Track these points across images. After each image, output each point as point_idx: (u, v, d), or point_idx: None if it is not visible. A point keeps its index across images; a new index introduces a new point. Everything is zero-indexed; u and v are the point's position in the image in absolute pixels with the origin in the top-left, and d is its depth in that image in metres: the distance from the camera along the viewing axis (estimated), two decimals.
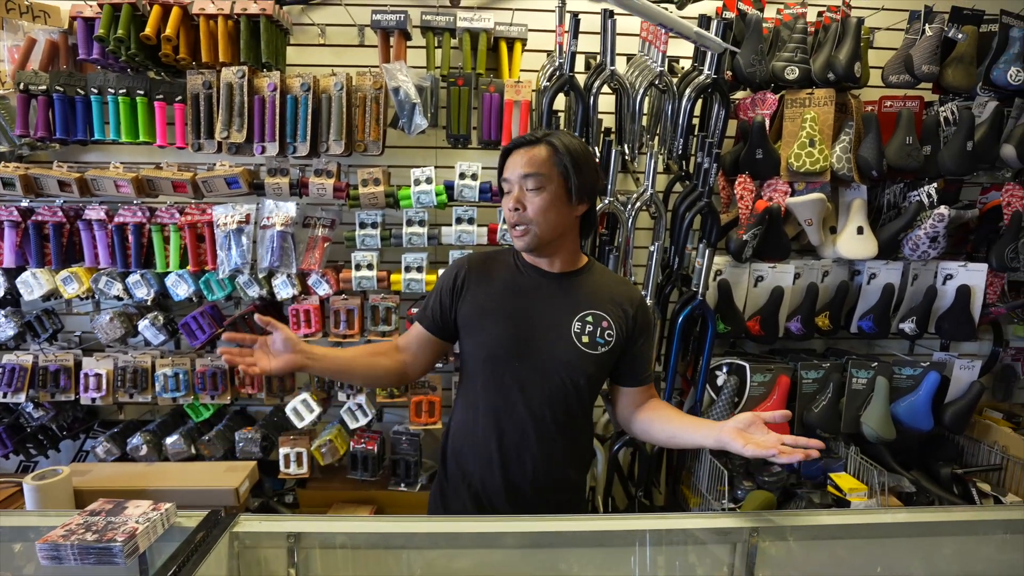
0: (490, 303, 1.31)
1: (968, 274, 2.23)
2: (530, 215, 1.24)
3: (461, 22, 2.08)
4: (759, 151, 2.12)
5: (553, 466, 1.32)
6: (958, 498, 2.21)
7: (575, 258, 1.35)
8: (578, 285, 1.32)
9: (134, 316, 2.18)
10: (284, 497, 2.28)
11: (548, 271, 1.33)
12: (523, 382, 1.28)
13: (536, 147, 1.25)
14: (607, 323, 1.29)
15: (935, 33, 2.10)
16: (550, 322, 1.28)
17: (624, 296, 1.34)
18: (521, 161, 1.25)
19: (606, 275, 1.39)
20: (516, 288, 1.31)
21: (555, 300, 1.30)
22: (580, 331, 1.28)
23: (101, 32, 1.90)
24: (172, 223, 2.06)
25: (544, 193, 1.24)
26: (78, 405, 2.21)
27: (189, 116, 2.03)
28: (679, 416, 1.33)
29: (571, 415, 1.32)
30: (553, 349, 1.27)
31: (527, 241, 1.26)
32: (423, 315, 1.37)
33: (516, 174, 1.25)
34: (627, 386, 1.39)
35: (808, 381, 2.26)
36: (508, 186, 1.27)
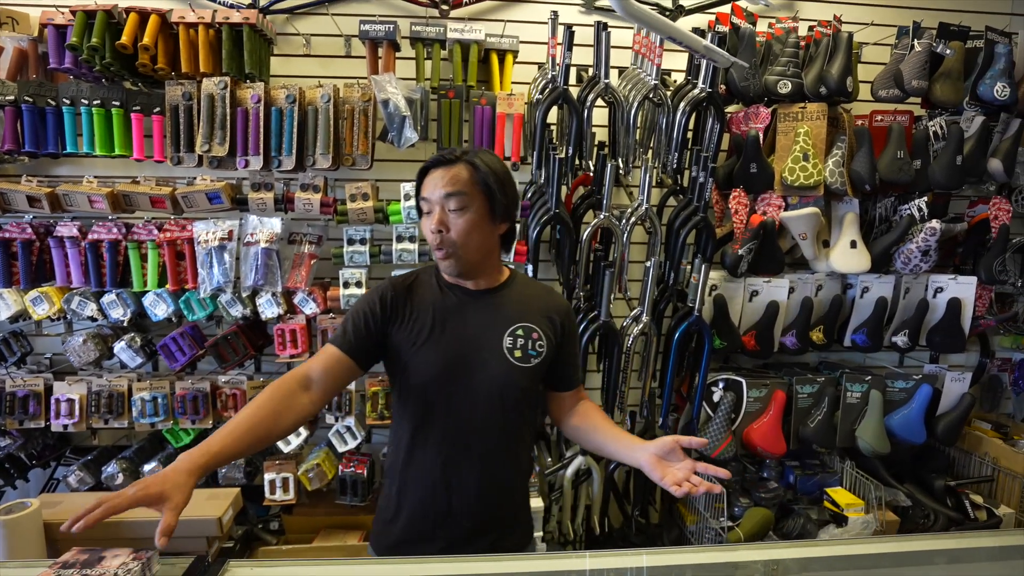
0: (420, 328, 1.26)
1: (958, 287, 2.24)
2: (454, 237, 1.20)
3: (452, 33, 2.03)
4: (753, 165, 2.11)
5: (496, 483, 1.30)
6: (952, 511, 2.21)
7: (498, 274, 1.33)
8: (504, 300, 1.30)
9: (109, 338, 2.07)
10: (269, 524, 2.18)
11: (472, 289, 1.30)
12: (460, 404, 1.25)
13: (456, 166, 1.22)
14: (537, 334, 1.28)
15: (924, 48, 2.11)
16: (481, 341, 1.26)
17: (551, 306, 1.34)
18: (442, 180, 1.20)
19: (530, 286, 1.38)
20: (444, 310, 1.28)
21: (484, 318, 1.28)
22: (512, 346, 1.26)
23: (74, 40, 1.81)
24: (150, 240, 1.97)
25: (468, 214, 1.20)
26: (48, 432, 2.09)
27: (168, 128, 1.94)
28: (606, 426, 1.33)
29: (510, 430, 1.30)
30: (487, 368, 1.25)
31: (452, 265, 1.23)
32: (343, 340, 1.25)
33: (437, 194, 1.20)
34: (559, 391, 1.40)
35: (803, 396, 2.25)
36: (428, 206, 1.22)
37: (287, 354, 2.03)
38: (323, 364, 1.23)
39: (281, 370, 2.27)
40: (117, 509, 0.93)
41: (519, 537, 1.37)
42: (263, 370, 2.24)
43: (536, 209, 2.04)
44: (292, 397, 1.17)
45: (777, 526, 2.17)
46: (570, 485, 2.22)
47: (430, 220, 1.21)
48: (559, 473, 2.22)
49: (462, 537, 1.28)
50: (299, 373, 1.21)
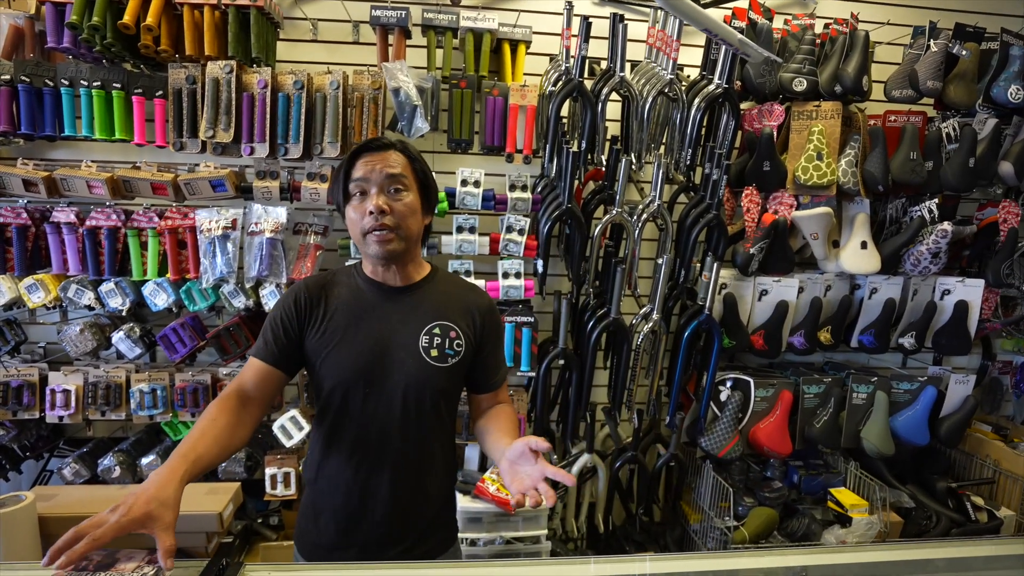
0: (334, 328, 1.21)
1: (966, 290, 2.24)
2: (397, 219, 1.17)
3: (464, 21, 1.99)
4: (766, 163, 2.08)
5: (412, 488, 1.25)
6: (954, 512, 2.22)
7: (421, 268, 1.29)
8: (423, 296, 1.26)
9: (107, 327, 2.02)
10: (269, 519, 2.14)
11: (392, 285, 1.25)
12: (374, 406, 1.21)
13: (393, 152, 1.20)
14: (455, 333, 1.23)
15: (940, 49, 2.10)
16: (398, 340, 1.21)
17: (472, 303, 1.29)
18: (382, 163, 1.18)
19: (452, 283, 1.33)
20: (360, 309, 1.23)
21: (401, 315, 1.23)
22: (428, 344, 1.21)
23: (74, 19, 1.74)
24: (151, 227, 1.91)
25: (408, 195, 1.19)
26: (43, 423, 2.04)
27: (171, 113, 1.88)
28: (498, 427, 1.24)
29: (427, 433, 1.25)
30: (403, 368, 1.20)
31: (394, 247, 1.18)
32: (263, 350, 1.21)
33: (379, 174, 1.17)
34: (478, 393, 1.34)
35: (810, 396, 2.24)
36: (363, 187, 1.18)
37: None
38: (252, 378, 1.20)
39: None
40: (101, 542, 0.86)
41: (436, 543, 1.31)
42: None
43: (547, 203, 2.01)
44: (238, 412, 1.15)
45: (781, 526, 2.17)
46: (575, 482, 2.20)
47: (367, 201, 1.16)
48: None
49: (375, 543, 1.23)
50: (235, 388, 1.18)
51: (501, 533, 1.97)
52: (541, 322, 2.18)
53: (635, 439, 2.18)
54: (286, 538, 2.10)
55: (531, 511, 1.97)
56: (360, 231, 1.18)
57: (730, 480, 2.19)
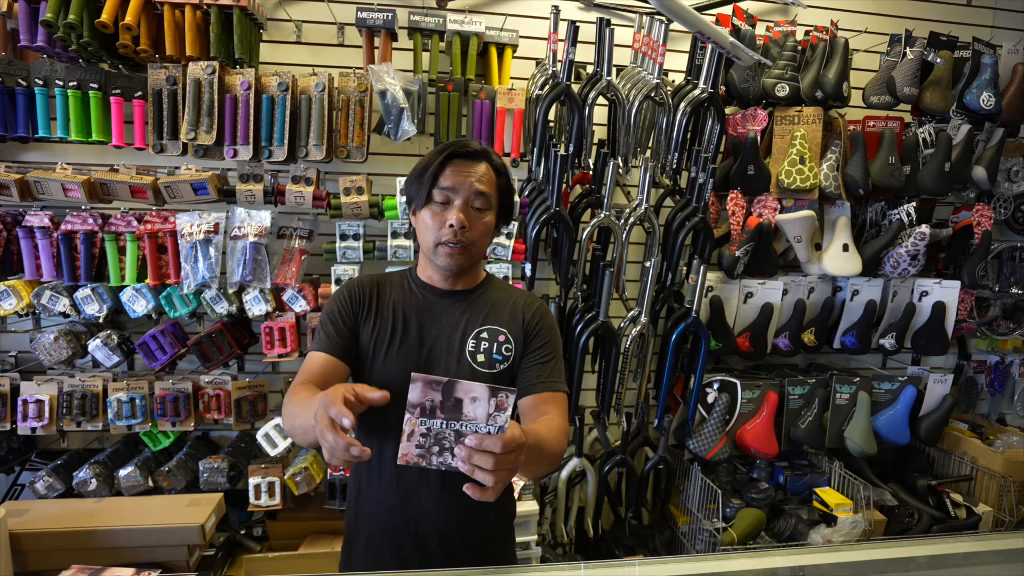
0: (383, 329, 1.19)
1: (942, 291, 2.30)
2: (473, 237, 1.14)
3: (451, 24, 1.98)
4: (751, 167, 2.11)
5: (460, 506, 1.17)
6: (935, 509, 2.26)
7: (476, 276, 1.25)
8: (475, 301, 1.22)
9: (83, 335, 1.95)
10: (252, 530, 2.09)
11: (444, 289, 1.22)
12: None
13: (482, 163, 1.15)
14: (504, 337, 1.19)
15: (916, 56, 2.15)
16: (445, 343, 1.18)
17: (521, 303, 1.23)
18: (473, 175, 1.13)
19: (505, 289, 1.28)
20: (408, 310, 1.20)
21: (450, 319, 1.19)
22: (475, 349, 1.17)
23: (49, 16, 1.69)
24: (129, 232, 1.86)
25: (489, 215, 1.16)
26: (14, 435, 1.96)
27: (150, 114, 1.83)
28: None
29: None
30: (447, 372, 1.15)
31: (462, 262, 1.15)
32: (326, 343, 1.17)
33: (470, 189, 1.12)
34: (520, 396, 1.20)
35: (794, 397, 2.27)
36: (448, 196, 1.13)
37: (275, 353, 1.95)
38: (318, 369, 1.14)
39: (267, 369, 2.18)
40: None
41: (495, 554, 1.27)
42: (247, 370, 2.15)
43: (535, 207, 2.01)
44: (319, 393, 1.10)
45: (769, 526, 2.19)
46: (564, 487, 2.19)
47: (448, 212, 1.12)
48: (553, 475, 2.19)
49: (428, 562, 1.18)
50: (304, 380, 1.12)
51: None
52: None
53: (623, 442, 2.18)
54: (270, 549, 2.05)
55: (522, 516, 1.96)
56: (433, 240, 1.14)
57: (718, 482, 2.21)
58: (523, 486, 2.02)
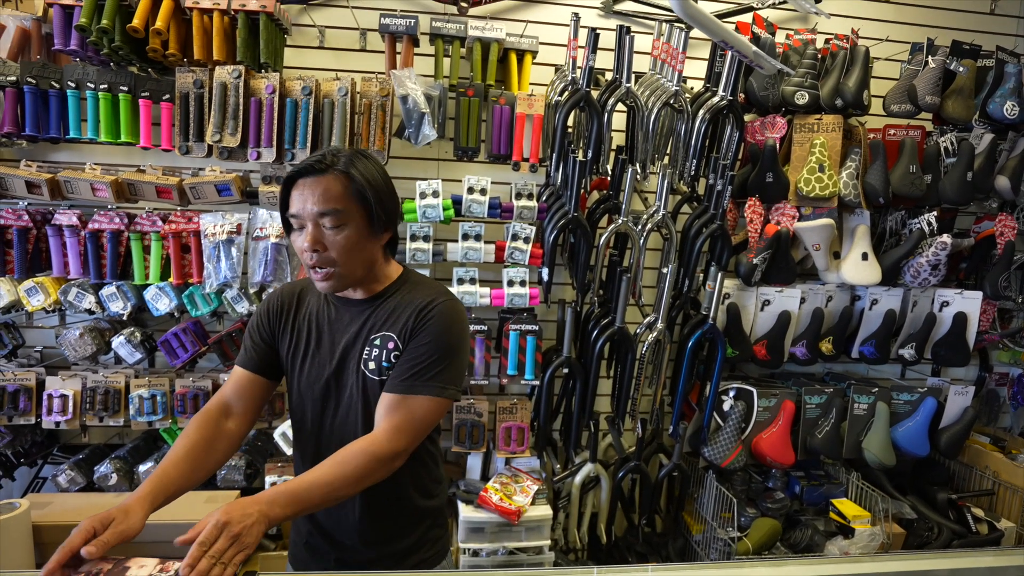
0: (298, 341, 1.21)
1: (964, 301, 2.27)
2: (333, 256, 1.09)
3: (472, 31, 2.00)
4: (769, 175, 2.11)
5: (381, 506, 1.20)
6: (955, 524, 2.23)
7: (384, 279, 1.21)
8: (378, 308, 1.18)
9: (107, 332, 1.99)
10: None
11: (352, 298, 1.21)
12: (331, 423, 1.19)
13: (327, 176, 1.07)
14: (393, 343, 1.15)
15: (938, 65, 2.14)
16: (351, 352, 1.18)
17: (418, 305, 1.16)
18: (312, 195, 1.07)
19: (414, 289, 1.20)
20: (321, 321, 1.21)
21: (355, 328, 1.18)
22: (368, 357, 1.16)
23: (83, 21, 1.74)
24: (154, 231, 1.90)
25: (346, 231, 1.08)
26: (38, 429, 2.00)
27: (177, 116, 1.87)
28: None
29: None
30: (350, 381, 1.17)
31: (332, 284, 1.12)
32: (245, 358, 1.22)
33: (309, 211, 1.07)
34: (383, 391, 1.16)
35: (811, 406, 2.25)
36: (298, 222, 1.09)
37: None
38: (235, 387, 1.21)
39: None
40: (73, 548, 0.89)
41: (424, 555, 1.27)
42: None
43: (553, 212, 2.02)
44: (217, 425, 1.15)
45: (784, 537, 2.17)
46: (578, 492, 2.19)
47: (302, 237, 1.09)
48: (567, 480, 2.19)
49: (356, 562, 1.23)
50: (217, 401, 1.19)
51: (504, 544, 1.95)
52: (545, 330, 2.18)
53: (638, 449, 2.18)
54: (284, 547, 2.06)
55: (535, 521, 1.96)
56: (304, 262, 1.14)
57: (733, 490, 2.19)
58: (536, 491, 2.02)
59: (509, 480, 2.05)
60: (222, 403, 1.19)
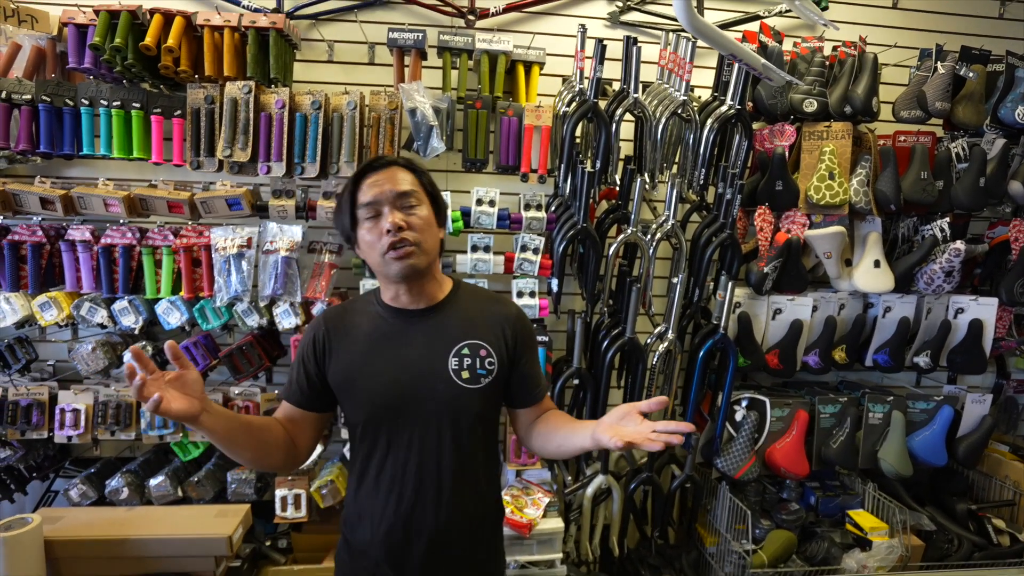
0: (358, 360, 1.19)
1: (979, 308, 2.24)
2: (416, 234, 1.14)
3: (480, 43, 2.01)
4: (779, 183, 2.10)
5: (463, 514, 1.21)
6: (975, 535, 2.18)
7: (442, 286, 1.25)
8: (448, 316, 1.21)
9: (119, 346, 2.00)
10: (277, 542, 2.10)
11: (414, 309, 1.21)
12: (410, 437, 1.17)
13: (396, 168, 1.18)
14: (485, 351, 1.19)
15: (947, 71, 2.13)
16: (425, 366, 1.17)
17: (500, 315, 1.24)
18: (389, 180, 1.15)
19: (476, 297, 1.28)
20: (383, 337, 1.20)
21: (427, 340, 1.19)
22: (459, 367, 1.17)
23: (97, 40, 1.76)
24: (165, 245, 1.91)
25: (422, 208, 1.17)
26: (50, 443, 2.01)
27: (188, 132, 1.89)
28: (565, 422, 1.22)
29: (469, 458, 1.20)
30: (434, 394, 1.16)
31: (413, 261, 1.13)
32: (289, 391, 1.23)
33: (387, 193, 1.14)
34: (522, 407, 1.29)
35: (825, 415, 2.22)
36: (373, 209, 1.14)
37: None
38: (286, 420, 1.22)
39: None
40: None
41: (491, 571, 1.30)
42: (275, 381, 2.17)
43: (562, 223, 2.01)
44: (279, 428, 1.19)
45: (800, 549, 2.13)
46: (589, 505, 2.16)
47: (382, 221, 1.13)
48: (578, 492, 2.17)
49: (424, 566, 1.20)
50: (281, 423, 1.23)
51: (515, 557, 1.93)
52: (555, 341, 2.17)
53: (650, 460, 2.15)
54: (295, 562, 2.06)
55: (547, 533, 1.94)
56: (379, 252, 1.14)
57: (746, 502, 2.16)
58: (548, 503, 2.00)
59: (520, 492, 2.04)
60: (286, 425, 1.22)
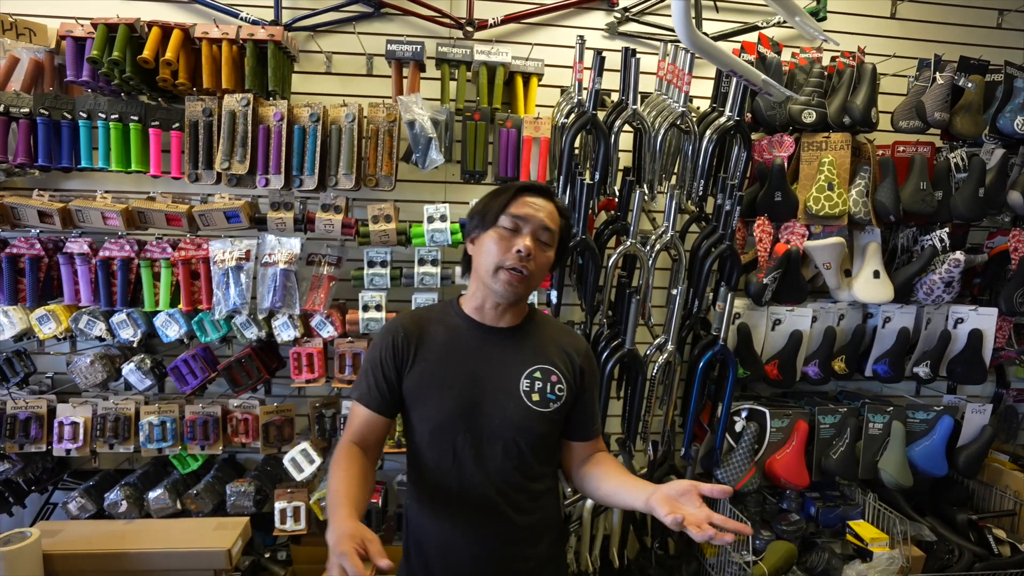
0: (433, 369, 1.20)
1: (979, 318, 2.24)
2: (533, 268, 1.17)
3: (478, 55, 2.01)
4: (778, 193, 2.09)
5: (522, 532, 1.22)
6: (976, 546, 2.18)
7: (522, 312, 1.28)
8: (524, 338, 1.25)
9: (117, 359, 2.00)
10: (276, 554, 2.10)
11: (493, 326, 1.24)
12: (476, 451, 1.18)
13: (554, 207, 1.22)
14: (556, 377, 1.22)
15: (946, 81, 2.12)
16: (498, 383, 1.20)
17: (571, 346, 1.28)
18: (543, 211, 1.19)
19: (549, 324, 1.32)
20: (460, 348, 1.22)
21: (502, 357, 1.22)
22: (530, 389, 1.20)
23: (95, 53, 1.76)
24: (163, 258, 1.91)
25: (550, 252, 1.22)
26: (49, 456, 2.00)
27: (187, 144, 1.89)
28: (619, 473, 1.23)
29: (531, 476, 1.23)
30: (504, 411, 1.18)
31: (520, 290, 1.18)
32: (367, 396, 1.21)
33: (538, 221, 1.18)
34: (577, 440, 1.31)
35: (825, 426, 2.21)
36: (517, 224, 1.18)
37: (303, 378, 1.97)
38: (364, 428, 1.21)
39: (294, 393, 2.20)
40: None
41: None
42: (274, 393, 2.17)
43: None
44: (362, 459, 1.18)
45: (800, 560, 2.12)
46: (589, 516, 2.16)
47: (517, 239, 1.17)
48: (578, 503, 2.16)
49: None
50: (352, 439, 1.20)
51: None
52: None
53: (650, 470, 2.15)
54: (294, 574, 2.05)
55: None
56: (494, 263, 1.17)
57: (746, 512, 2.15)
58: None
59: None
60: (359, 440, 1.21)
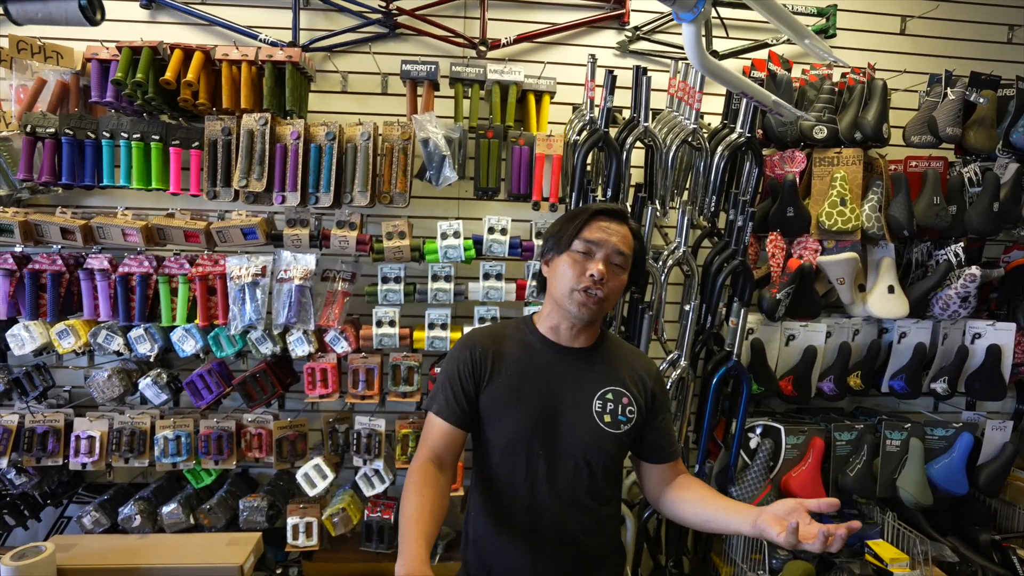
0: (509, 385, 1.22)
1: (997, 333, 2.21)
2: (607, 292, 1.20)
3: (491, 74, 2.05)
4: (790, 209, 2.10)
5: (587, 553, 1.24)
6: (1000, 567, 2.13)
7: (595, 333, 1.31)
8: (596, 360, 1.27)
9: (134, 373, 2.02)
10: (288, 570, 2.09)
11: (567, 346, 1.26)
12: (549, 467, 1.20)
13: (627, 228, 1.24)
14: (627, 399, 1.24)
15: (957, 97, 2.13)
16: (571, 402, 1.22)
17: (642, 369, 1.30)
18: (617, 235, 1.21)
19: (621, 347, 1.34)
20: (533, 367, 1.24)
21: (576, 377, 1.24)
22: (602, 410, 1.22)
23: (119, 75, 1.81)
24: (181, 274, 1.94)
25: (624, 275, 1.23)
26: (65, 469, 2.02)
27: (206, 163, 1.93)
28: (713, 498, 1.24)
29: (599, 498, 1.25)
30: (576, 430, 1.20)
31: (594, 312, 1.20)
32: (446, 409, 1.22)
33: (612, 246, 1.20)
34: (652, 463, 1.32)
35: (841, 443, 2.19)
36: (591, 248, 1.20)
37: (317, 393, 1.98)
38: (439, 440, 1.21)
39: (307, 408, 2.21)
40: None
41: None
42: (288, 408, 2.18)
43: None
44: (438, 479, 1.17)
45: None
46: None
47: (590, 263, 1.19)
48: None
49: None
50: (428, 457, 1.20)
51: None
52: None
53: None
54: None
55: None
56: (569, 286, 1.19)
57: None
58: None
59: None
60: (435, 459, 1.20)
